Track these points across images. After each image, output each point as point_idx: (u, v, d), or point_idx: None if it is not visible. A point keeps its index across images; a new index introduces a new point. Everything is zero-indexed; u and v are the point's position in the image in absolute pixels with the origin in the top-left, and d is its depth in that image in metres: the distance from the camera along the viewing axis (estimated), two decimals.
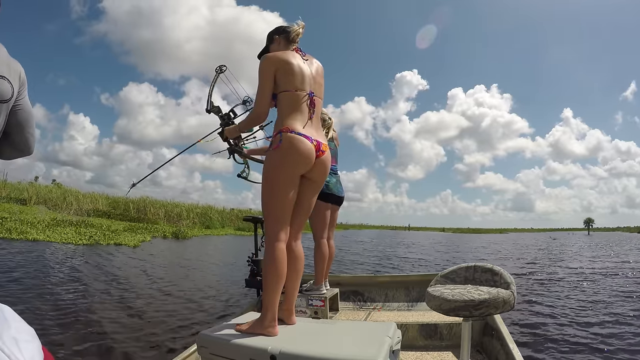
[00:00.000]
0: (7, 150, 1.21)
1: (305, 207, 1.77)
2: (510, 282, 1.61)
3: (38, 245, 8.80)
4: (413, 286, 3.25)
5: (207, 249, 13.44)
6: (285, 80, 1.68)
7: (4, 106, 1.07)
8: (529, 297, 5.93)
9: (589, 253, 15.95)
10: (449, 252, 16.78)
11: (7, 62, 1.08)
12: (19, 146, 1.20)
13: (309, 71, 1.74)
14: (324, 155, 1.70)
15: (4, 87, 1.05)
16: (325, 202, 2.88)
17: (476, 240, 31.90)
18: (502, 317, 2.21)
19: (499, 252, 16.87)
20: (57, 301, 4.35)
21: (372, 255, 13.77)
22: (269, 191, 1.65)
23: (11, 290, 4.64)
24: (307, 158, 1.63)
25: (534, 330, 4.12)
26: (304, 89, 1.69)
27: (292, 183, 1.65)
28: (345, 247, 17.29)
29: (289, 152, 1.60)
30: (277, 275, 1.61)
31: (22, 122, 1.16)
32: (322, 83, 1.81)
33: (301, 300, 2.72)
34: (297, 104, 1.67)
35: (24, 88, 1.14)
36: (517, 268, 9.86)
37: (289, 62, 1.69)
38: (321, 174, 1.73)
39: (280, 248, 1.63)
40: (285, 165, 1.62)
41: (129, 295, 5.05)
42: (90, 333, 3.37)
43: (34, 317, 3.59)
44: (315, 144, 1.65)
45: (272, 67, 1.68)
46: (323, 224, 2.89)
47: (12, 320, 0.54)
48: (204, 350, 1.54)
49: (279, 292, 1.63)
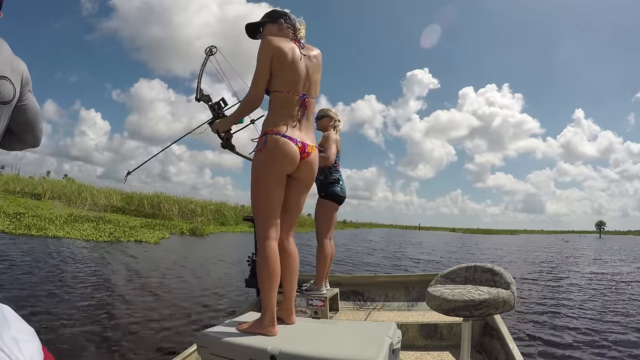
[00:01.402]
0: (17, 146, 1.24)
1: (293, 207, 1.79)
2: (510, 282, 1.60)
3: (59, 243, 8.75)
4: (413, 286, 3.25)
5: (225, 246, 13.31)
6: (278, 76, 1.67)
7: (6, 107, 1.07)
8: (531, 298, 5.93)
9: (605, 257, 15.62)
10: (462, 254, 16.42)
11: (10, 61, 1.08)
12: (29, 142, 1.24)
13: (305, 69, 1.72)
14: (310, 156, 1.72)
15: (6, 88, 1.05)
16: (334, 203, 2.90)
17: (487, 241, 31.63)
18: (502, 317, 2.21)
19: (514, 254, 16.56)
20: (70, 300, 4.34)
21: (386, 255, 13.60)
22: (256, 191, 1.69)
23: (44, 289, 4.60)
24: (291, 160, 1.66)
25: (534, 330, 4.12)
26: (297, 90, 1.69)
27: (277, 183, 1.68)
28: (358, 246, 17.09)
29: (273, 153, 1.64)
30: (271, 274, 1.63)
31: (30, 120, 1.17)
32: (318, 79, 1.79)
33: (301, 300, 2.72)
34: (288, 106, 1.68)
35: (27, 86, 1.14)
36: (535, 271, 9.55)
37: (287, 54, 1.67)
38: (307, 175, 1.76)
39: (272, 246, 1.65)
40: (270, 166, 1.66)
41: (142, 292, 5.02)
42: (90, 333, 3.37)
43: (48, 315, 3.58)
44: (300, 145, 1.68)
45: (270, 51, 1.66)
46: (329, 225, 2.90)
47: (12, 320, 0.54)
48: (203, 350, 1.54)
49: (275, 290, 1.64)
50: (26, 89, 1.14)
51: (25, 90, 1.13)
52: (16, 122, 1.14)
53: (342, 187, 2.95)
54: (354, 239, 24.56)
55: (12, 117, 1.12)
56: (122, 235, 10.79)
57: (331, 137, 2.89)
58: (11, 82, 1.06)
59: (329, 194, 2.89)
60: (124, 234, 11.14)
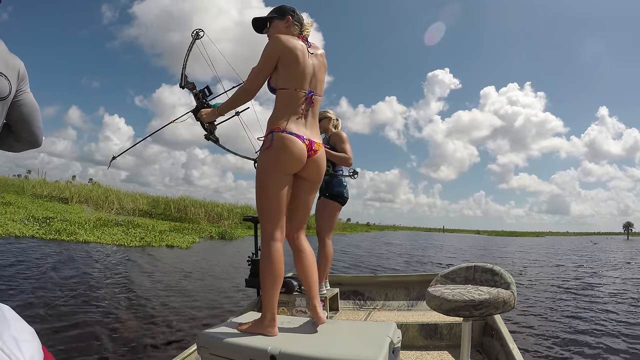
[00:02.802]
0: (16, 145, 1.23)
1: (302, 206, 1.77)
2: (510, 282, 1.60)
3: (91, 248, 8.65)
4: (413, 286, 3.25)
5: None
6: (286, 74, 1.66)
7: (2, 103, 1.07)
8: (532, 298, 5.93)
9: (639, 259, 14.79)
10: (490, 258, 15.30)
11: (5, 58, 1.08)
12: (27, 140, 1.22)
13: (312, 67, 1.71)
14: (317, 154, 1.70)
15: (2, 84, 1.05)
16: (337, 203, 2.91)
17: (513, 244, 30.67)
18: (502, 317, 2.21)
19: (546, 257, 15.53)
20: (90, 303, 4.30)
21: (410, 259, 13.26)
22: (261, 191, 1.66)
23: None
24: (298, 157, 1.63)
25: (534, 330, 4.12)
26: (303, 87, 1.68)
27: (284, 182, 1.64)
28: (390, 249, 16.66)
29: (281, 151, 1.61)
30: (274, 275, 1.60)
31: (26, 117, 1.16)
32: (324, 79, 1.79)
33: (301, 300, 2.72)
34: (295, 103, 1.66)
35: (24, 83, 1.14)
36: (571, 277, 8.85)
37: (295, 53, 1.65)
38: (315, 173, 1.73)
39: (276, 248, 1.62)
40: (276, 165, 1.62)
41: (182, 299, 4.98)
42: (90, 332, 3.37)
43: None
44: (307, 143, 1.65)
45: (278, 50, 1.65)
46: (332, 225, 2.92)
47: (12, 320, 0.54)
48: (203, 350, 1.54)
49: (277, 291, 1.62)
50: (23, 85, 1.14)
51: (22, 87, 1.13)
52: (13, 118, 1.14)
53: (346, 188, 2.96)
54: (376, 241, 24.07)
55: (9, 114, 1.12)
56: (153, 240, 10.66)
57: (344, 136, 2.89)
58: (6, 78, 1.06)
59: (334, 194, 2.89)
60: (155, 238, 11.00)
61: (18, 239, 8.45)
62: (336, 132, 2.94)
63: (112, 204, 18.17)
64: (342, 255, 12.41)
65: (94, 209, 16.66)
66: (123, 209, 17.89)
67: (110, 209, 17.55)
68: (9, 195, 15.49)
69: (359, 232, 42.12)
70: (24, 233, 8.98)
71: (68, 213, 13.36)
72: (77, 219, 12.14)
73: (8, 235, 8.62)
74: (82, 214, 14.01)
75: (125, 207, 18.21)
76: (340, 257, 11.49)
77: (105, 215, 14.98)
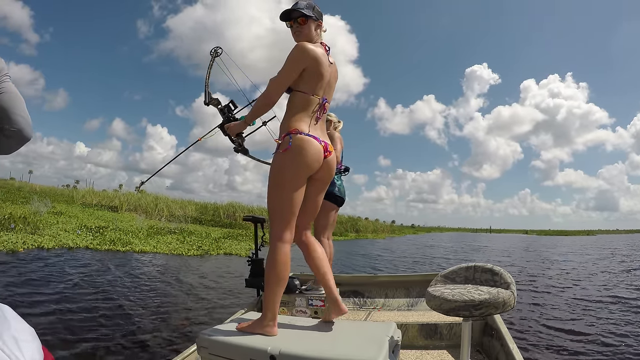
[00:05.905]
0: (4, 141, 1.16)
1: (311, 206, 1.80)
2: (510, 282, 1.60)
3: (150, 258, 8.33)
4: (413, 286, 3.25)
5: None
6: (307, 81, 1.69)
7: None
8: (534, 299, 5.92)
9: None
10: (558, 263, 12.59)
11: None
12: (12, 132, 1.14)
13: (328, 75, 1.75)
14: (331, 155, 1.75)
15: None
16: (332, 204, 2.98)
17: (567, 244, 27.95)
18: (502, 317, 2.21)
19: (620, 262, 12.55)
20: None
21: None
22: (277, 193, 1.66)
23: None
24: (317, 159, 1.66)
25: (534, 330, 4.12)
26: (319, 94, 1.72)
27: (300, 184, 1.66)
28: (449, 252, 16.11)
29: (300, 154, 1.62)
30: (279, 277, 1.61)
31: (6, 103, 1.13)
32: (335, 86, 1.84)
33: (301, 300, 2.73)
34: (309, 107, 1.70)
35: (2, 73, 1.13)
36: None
37: (321, 65, 1.68)
38: (328, 174, 1.77)
39: (284, 250, 1.63)
40: (295, 167, 1.64)
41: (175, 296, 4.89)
42: (89, 332, 3.37)
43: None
44: (323, 144, 1.69)
45: (305, 62, 1.66)
46: (327, 224, 2.97)
47: (12, 320, 0.54)
48: (203, 350, 1.54)
49: (280, 293, 1.63)
50: (1, 76, 1.13)
51: (0, 78, 1.13)
52: None
53: (340, 187, 3.00)
54: (425, 242, 22.86)
55: None
56: (211, 248, 10.47)
57: (336, 135, 2.98)
58: None
59: (327, 193, 2.93)
60: (212, 246, 10.81)
61: (71, 250, 7.99)
62: (329, 132, 3.01)
63: (161, 211, 18.09)
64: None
65: (145, 217, 16.49)
66: (172, 216, 17.79)
67: (160, 217, 17.46)
68: (59, 205, 15.33)
69: (406, 234, 41.10)
70: (77, 244, 8.58)
71: (119, 221, 13.20)
72: (129, 228, 11.93)
73: (61, 247, 8.13)
74: (133, 222, 13.81)
75: (174, 214, 18.14)
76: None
77: (157, 223, 14.83)
